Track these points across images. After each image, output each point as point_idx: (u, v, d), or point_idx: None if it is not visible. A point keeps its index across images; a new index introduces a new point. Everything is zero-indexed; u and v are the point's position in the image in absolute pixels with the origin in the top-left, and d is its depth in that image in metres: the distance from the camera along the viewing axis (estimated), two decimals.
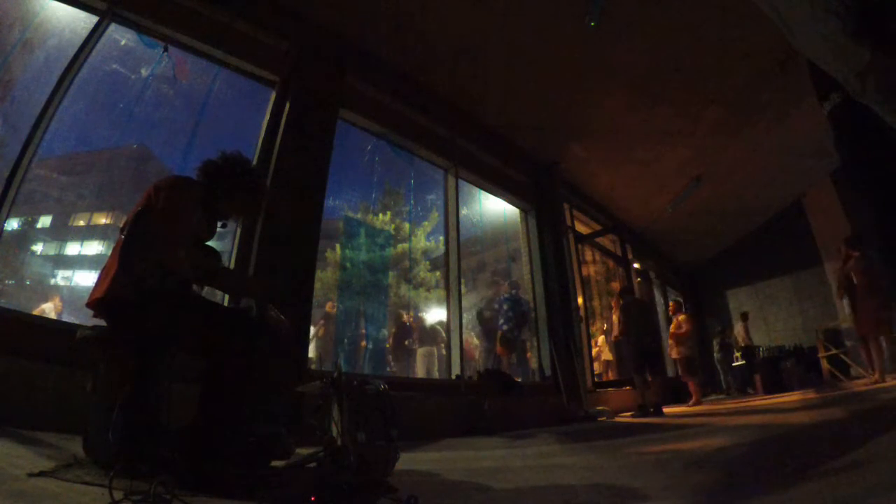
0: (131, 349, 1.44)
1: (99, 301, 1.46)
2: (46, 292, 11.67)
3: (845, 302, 5.42)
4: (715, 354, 9.67)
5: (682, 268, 12.00)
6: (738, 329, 9.17)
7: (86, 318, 1.68)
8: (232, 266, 3.22)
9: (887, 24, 0.83)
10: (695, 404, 6.10)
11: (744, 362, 8.70)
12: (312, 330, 5.92)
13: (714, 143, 7.00)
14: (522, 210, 6.61)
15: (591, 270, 8.29)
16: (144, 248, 1.46)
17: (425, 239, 11.46)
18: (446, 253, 5.41)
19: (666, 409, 5.26)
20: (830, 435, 2.23)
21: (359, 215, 10.01)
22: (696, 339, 7.75)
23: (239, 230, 3.31)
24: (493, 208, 7.49)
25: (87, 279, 14.62)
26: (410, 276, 11.12)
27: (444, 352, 6.81)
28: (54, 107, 2.92)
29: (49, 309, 6.99)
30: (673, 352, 6.77)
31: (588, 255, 8.09)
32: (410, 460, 2.08)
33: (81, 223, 16.45)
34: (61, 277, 15.03)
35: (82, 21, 3.26)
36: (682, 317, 6.84)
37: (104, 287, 1.45)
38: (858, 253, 5.09)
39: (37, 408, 1.95)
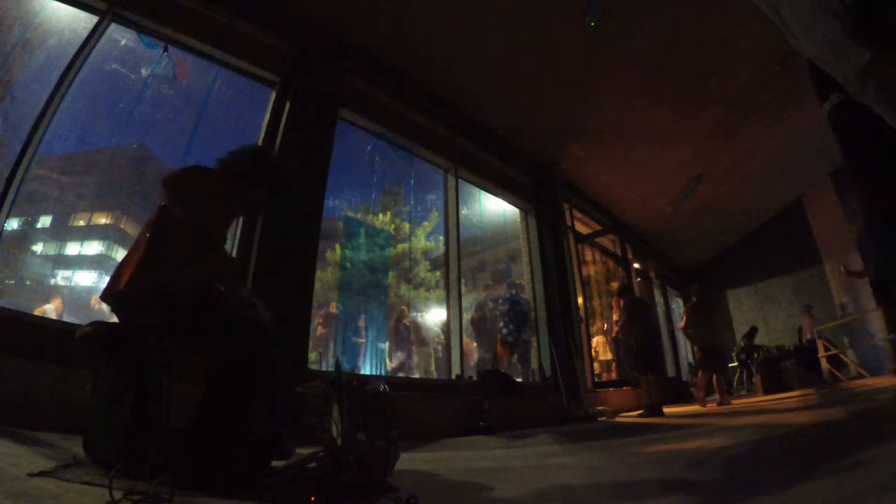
0: (131, 348, 1.44)
1: (118, 293, 1.45)
2: (47, 292, 11.67)
3: (847, 300, 5.40)
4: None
5: (682, 268, 12.00)
6: (806, 323, 8.93)
7: (86, 319, 1.68)
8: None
9: (887, 24, 0.83)
10: (720, 403, 5.58)
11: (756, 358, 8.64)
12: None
13: (714, 143, 7.01)
14: (522, 210, 6.61)
15: (591, 270, 8.28)
16: (169, 253, 1.45)
17: (425, 239, 11.46)
18: (446, 253, 5.41)
19: (666, 409, 5.25)
20: (830, 435, 2.23)
21: (359, 215, 10.02)
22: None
23: (239, 230, 3.31)
24: (493, 208, 7.49)
25: (87, 279, 14.61)
26: (410, 276, 11.12)
27: (440, 353, 6.82)
28: (54, 107, 2.91)
29: (50, 310, 6.98)
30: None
31: (588, 255, 8.09)
32: (410, 460, 2.08)
33: (81, 223, 16.43)
34: (61, 277, 15.02)
35: (82, 21, 3.26)
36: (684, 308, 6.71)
37: (123, 281, 1.45)
38: None
39: (37, 408, 1.95)
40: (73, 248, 16.22)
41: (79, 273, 15.29)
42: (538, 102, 5.62)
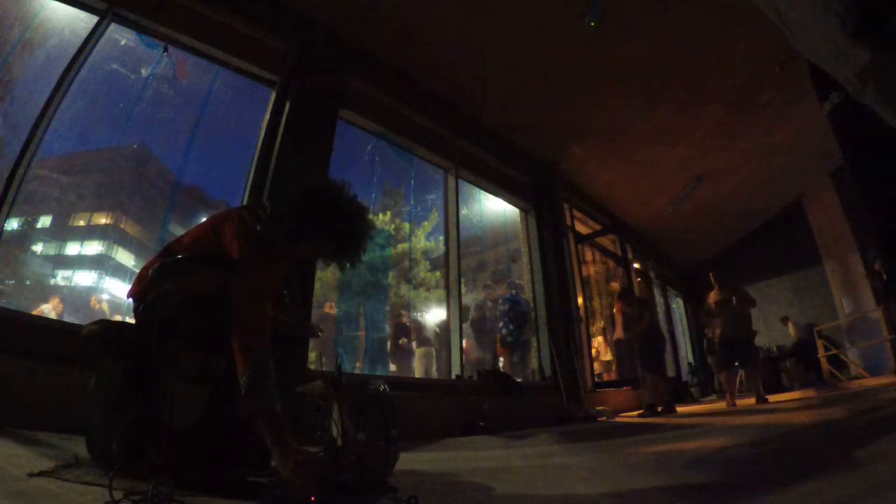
0: (135, 346, 1.43)
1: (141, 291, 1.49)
2: (46, 292, 11.66)
3: (845, 301, 5.37)
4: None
5: (682, 268, 11.99)
6: (791, 327, 9.12)
7: (85, 319, 1.68)
8: None
9: (887, 24, 0.83)
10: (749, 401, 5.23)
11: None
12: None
13: (714, 143, 7.00)
14: (522, 210, 6.61)
15: (591, 270, 8.29)
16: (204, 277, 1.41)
17: (425, 239, 11.46)
18: (446, 253, 5.41)
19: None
20: (830, 435, 2.23)
21: None
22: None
23: None
24: (493, 208, 7.50)
25: (86, 279, 14.61)
26: (410, 276, 11.12)
27: (436, 354, 6.82)
28: (54, 107, 2.91)
29: (47, 310, 6.98)
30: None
31: (588, 255, 8.09)
32: (410, 460, 2.08)
33: (81, 223, 16.41)
34: (61, 277, 15.01)
35: (82, 21, 3.27)
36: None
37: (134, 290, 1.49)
38: None
39: (37, 408, 1.95)
40: (73, 248, 16.21)
41: (79, 273, 15.28)
42: (538, 102, 5.62)
